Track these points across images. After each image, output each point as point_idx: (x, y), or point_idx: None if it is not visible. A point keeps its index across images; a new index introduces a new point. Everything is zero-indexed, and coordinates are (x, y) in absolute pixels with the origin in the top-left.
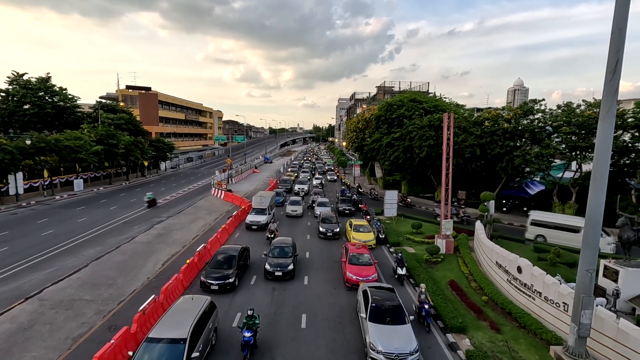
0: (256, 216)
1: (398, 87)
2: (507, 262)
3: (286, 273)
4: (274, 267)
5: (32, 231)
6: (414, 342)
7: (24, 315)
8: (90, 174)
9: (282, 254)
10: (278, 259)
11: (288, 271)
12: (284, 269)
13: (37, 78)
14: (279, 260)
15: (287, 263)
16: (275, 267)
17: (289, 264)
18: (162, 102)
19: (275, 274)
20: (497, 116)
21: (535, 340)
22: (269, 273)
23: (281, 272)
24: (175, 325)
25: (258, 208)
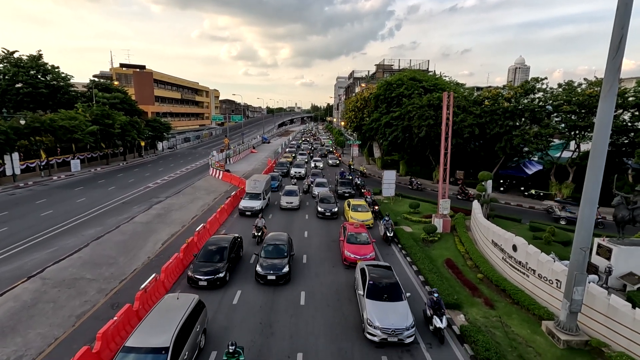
0: (250, 201)
1: (398, 65)
2: (503, 241)
3: (280, 277)
4: (267, 269)
5: (31, 211)
6: (410, 318)
7: (27, 294)
8: (87, 155)
9: (275, 254)
10: (271, 259)
11: (283, 274)
12: (277, 271)
13: (28, 56)
14: (272, 261)
15: (282, 264)
16: (267, 270)
17: (284, 265)
18: (158, 80)
19: (267, 277)
20: (497, 95)
21: (528, 316)
22: (260, 277)
23: (274, 276)
24: (156, 331)
25: (252, 193)
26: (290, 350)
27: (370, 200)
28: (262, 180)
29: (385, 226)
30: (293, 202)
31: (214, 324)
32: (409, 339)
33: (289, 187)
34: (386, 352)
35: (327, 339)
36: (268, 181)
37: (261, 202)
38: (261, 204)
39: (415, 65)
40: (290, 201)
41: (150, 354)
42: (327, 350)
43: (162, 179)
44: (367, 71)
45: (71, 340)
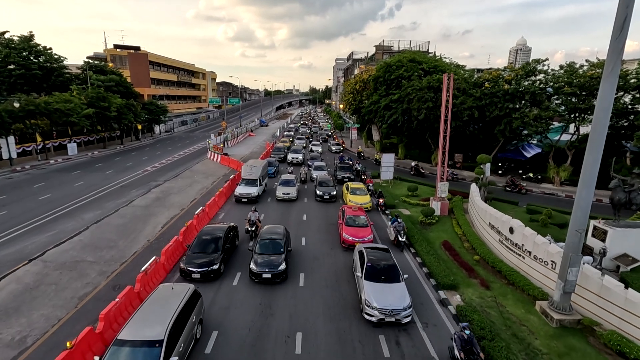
0: (246, 188)
1: (397, 46)
2: (500, 223)
3: (277, 275)
4: (262, 266)
5: (29, 195)
6: (407, 299)
7: (29, 276)
8: (84, 138)
9: (271, 249)
10: (266, 255)
11: (279, 272)
12: (273, 269)
13: (20, 36)
14: (267, 258)
15: (278, 261)
16: (262, 268)
17: (281, 262)
18: (153, 62)
19: (262, 276)
20: (497, 77)
21: (523, 296)
22: (254, 275)
23: (270, 274)
24: (150, 323)
25: (248, 179)
26: (290, 330)
27: (372, 188)
28: (259, 165)
29: (396, 229)
30: (290, 192)
31: (215, 305)
32: (406, 319)
33: (285, 177)
34: (384, 331)
35: (325, 319)
36: (265, 166)
37: (257, 188)
38: (258, 190)
39: (415, 46)
40: (287, 192)
41: (143, 347)
42: (326, 329)
43: (160, 163)
44: (367, 52)
45: (74, 321)
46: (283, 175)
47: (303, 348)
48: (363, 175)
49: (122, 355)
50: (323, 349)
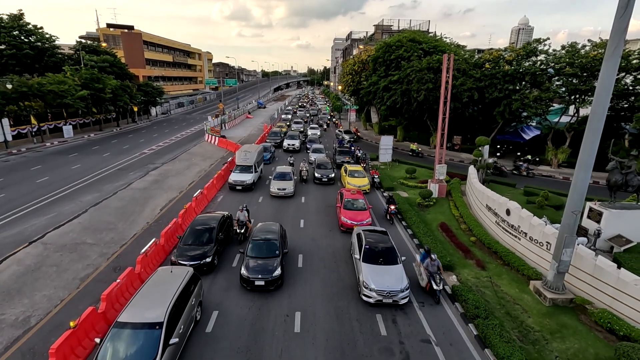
0: (241, 174)
1: (397, 26)
2: (497, 205)
3: (271, 281)
4: (254, 272)
5: (26, 178)
6: (405, 281)
7: (30, 258)
8: (79, 120)
9: (265, 251)
10: (259, 259)
11: (273, 279)
12: (267, 275)
13: (9, 15)
14: (260, 262)
15: (273, 266)
16: (254, 273)
17: (275, 266)
18: (147, 42)
19: (255, 283)
20: (498, 58)
21: (517, 276)
22: (245, 281)
23: (263, 281)
24: (149, 306)
25: (243, 165)
26: (289, 309)
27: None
28: (254, 151)
29: (428, 270)
30: (286, 188)
31: (215, 285)
32: (403, 300)
33: (281, 169)
34: (381, 310)
35: (324, 299)
36: (260, 152)
37: (252, 175)
38: (253, 177)
39: (415, 26)
40: (282, 187)
41: (144, 329)
42: (324, 308)
43: (157, 145)
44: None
45: (76, 302)
46: (278, 168)
47: (302, 327)
48: (363, 163)
49: (123, 337)
50: (321, 327)
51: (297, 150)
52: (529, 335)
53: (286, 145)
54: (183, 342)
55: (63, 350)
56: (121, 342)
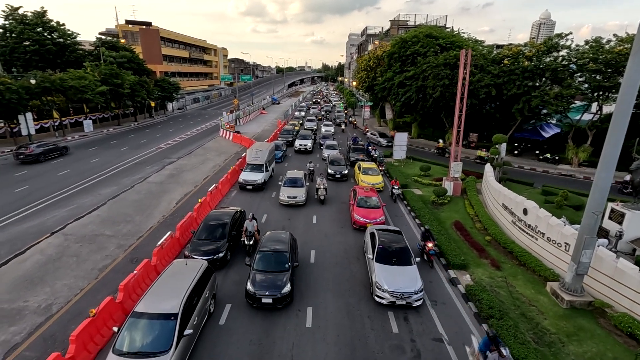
0: (251, 174)
1: (413, 21)
2: (514, 204)
3: (279, 299)
4: (261, 288)
5: (48, 170)
6: (419, 282)
7: (52, 249)
8: (99, 115)
9: (273, 264)
10: (267, 273)
11: (282, 296)
12: (275, 291)
13: (33, 12)
14: (267, 277)
15: (282, 282)
16: (261, 289)
17: (284, 282)
18: (165, 38)
19: (262, 300)
20: (517, 53)
21: (533, 277)
22: (251, 298)
23: (271, 299)
24: (165, 297)
25: (253, 164)
26: (301, 304)
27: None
28: (265, 149)
29: None
30: (297, 196)
31: (228, 279)
32: (417, 302)
33: (291, 175)
34: (392, 308)
35: (335, 295)
36: (271, 150)
37: (264, 174)
38: (264, 177)
39: (432, 21)
40: (292, 195)
41: (159, 320)
42: (336, 304)
43: (173, 140)
44: (381, 27)
45: (95, 291)
46: (288, 173)
47: (313, 322)
48: (381, 166)
49: (140, 326)
50: (333, 323)
51: (310, 151)
52: (544, 338)
53: (298, 145)
54: (197, 333)
55: (82, 337)
56: (138, 331)
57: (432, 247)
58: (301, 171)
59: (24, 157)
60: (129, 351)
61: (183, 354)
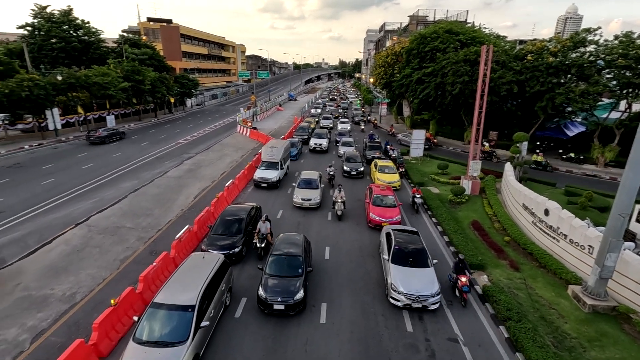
0: (266, 171)
1: (433, 16)
2: (535, 205)
3: (292, 306)
4: (273, 293)
5: (73, 164)
6: (436, 286)
7: (76, 239)
8: (121, 110)
9: (286, 269)
10: (279, 278)
11: (295, 302)
12: (288, 297)
13: (60, 10)
14: (280, 281)
15: (295, 287)
16: (273, 295)
17: (298, 288)
18: (184, 35)
19: (274, 307)
20: (541, 49)
21: (554, 280)
22: (263, 304)
23: (283, 305)
24: (183, 289)
25: (268, 162)
26: (315, 300)
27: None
28: (280, 147)
29: None
30: (312, 198)
31: (243, 273)
32: (433, 306)
33: (306, 175)
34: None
35: (349, 292)
36: (287, 148)
37: (278, 172)
38: (278, 175)
39: (453, 16)
40: (307, 197)
41: (177, 311)
42: (350, 301)
43: (192, 136)
44: (400, 23)
45: (117, 281)
46: (303, 174)
47: (327, 318)
48: (401, 167)
49: (158, 317)
50: (347, 320)
51: (325, 150)
52: (564, 342)
53: (313, 144)
54: (213, 325)
55: (104, 325)
56: (156, 321)
57: (465, 282)
58: (316, 172)
59: (94, 138)
60: (148, 340)
61: (200, 344)
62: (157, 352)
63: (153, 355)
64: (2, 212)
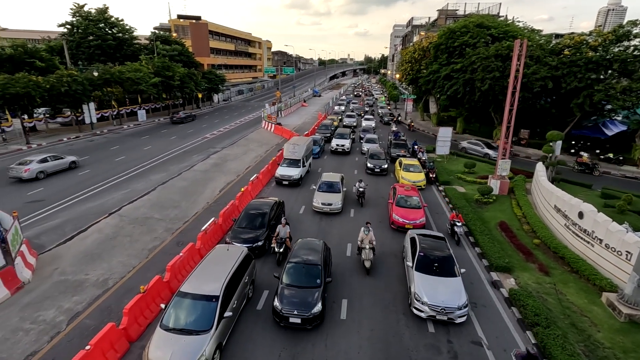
0: (288, 169)
1: (463, 10)
2: (568, 207)
3: (309, 319)
4: (289, 305)
5: (107, 157)
6: (463, 297)
7: (109, 228)
8: (151, 105)
9: (304, 278)
10: (296, 288)
11: (313, 316)
12: (305, 310)
13: (96, 9)
14: (297, 292)
15: (313, 299)
16: (289, 307)
17: (316, 300)
18: (212, 32)
19: (289, 320)
20: (580, 43)
21: (587, 286)
22: (279, 316)
23: (299, 319)
24: (208, 279)
25: (290, 159)
26: (335, 296)
27: (460, 227)
28: (302, 144)
29: None
30: (333, 203)
31: (266, 266)
32: (460, 319)
33: (327, 178)
34: None
35: (370, 290)
36: (309, 145)
37: (300, 170)
38: (300, 172)
39: (484, 9)
40: (327, 201)
41: (201, 301)
42: (371, 299)
43: (218, 130)
44: (428, 18)
45: (145, 270)
46: (324, 176)
47: (348, 314)
48: (431, 172)
49: (184, 305)
50: (367, 317)
51: (348, 152)
52: (597, 351)
53: (334, 145)
54: (236, 316)
55: (134, 311)
56: (182, 310)
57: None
58: (338, 174)
59: (176, 119)
60: (174, 327)
61: (223, 334)
62: (182, 339)
63: (178, 342)
64: (42, 201)
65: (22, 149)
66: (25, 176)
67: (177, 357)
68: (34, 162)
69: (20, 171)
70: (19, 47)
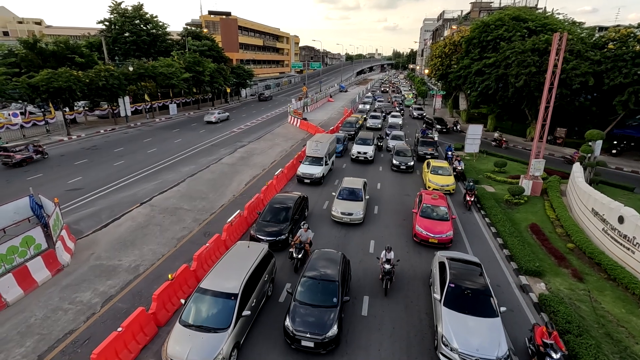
0: (310, 167)
1: (498, 2)
2: (607, 210)
3: (323, 344)
4: (302, 326)
5: (140, 148)
6: (504, 346)
7: (141, 217)
8: (182, 99)
9: (319, 297)
10: (310, 307)
11: (328, 340)
12: (318, 333)
13: (132, 6)
14: (311, 311)
15: (328, 321)
16: (301, 328)
17: (332, 321)
18: (241, 27)
19: (302, 342)
20: (626, 36)
21: (625, 295)
22: (290, 337)
23: (312, 342)
24: (227, 276)
25: (313, 157)
26: (357, 291)
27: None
28: (325, 141)
29: None
30: (354, 212)
31: (287, 262)
32: None
33: (348, 183)
34: None
35: (393, 287)
36: (332, 142)
37: (322, 168)
38: (322, 171)
39: (521, 1)
40: (348, 211)
41: (221, 298)
42: (393, 297)
43: (245, 125)
44: (460, 11)
45: (174, 258)
46: (345, 181)
47: (369, 311)
48: (469, 196)
49: (203, 302)
50: (389, 314)
51: (371, 160)
52: None
53: (355, 153)
54: (254, 315)
55: (162, 297)
56: (201, 306)
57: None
58: (360, 179)
59: (262, 98)
60: (193, 323)
61: (241, 332)
62: (201, 336)
63: (197, 338)
64: (81, 189)
65: (64, 140)
66: None
67: (195, 353)
68: None
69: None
70: (62, 43)
